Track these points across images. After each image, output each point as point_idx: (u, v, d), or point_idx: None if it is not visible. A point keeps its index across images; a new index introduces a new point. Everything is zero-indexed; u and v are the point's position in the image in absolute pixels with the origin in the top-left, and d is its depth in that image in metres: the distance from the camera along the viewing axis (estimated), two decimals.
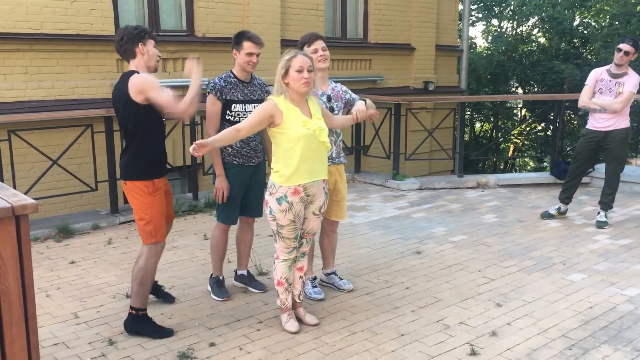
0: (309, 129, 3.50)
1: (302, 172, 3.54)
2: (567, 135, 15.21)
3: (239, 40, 4.06)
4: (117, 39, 3.57)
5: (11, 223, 2.17)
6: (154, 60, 3.60)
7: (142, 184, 3.55)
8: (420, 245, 5.47)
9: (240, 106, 4.08)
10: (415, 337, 3.72)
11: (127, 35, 3.52)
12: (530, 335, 3.75)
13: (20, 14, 6.47)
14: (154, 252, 3.67)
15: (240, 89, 4.09)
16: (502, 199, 7.27)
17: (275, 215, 3.60)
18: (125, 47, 3.54)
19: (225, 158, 4.11)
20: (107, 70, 7.20)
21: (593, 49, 17.20)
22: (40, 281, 4.52)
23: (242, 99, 4.09)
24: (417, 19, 10.86)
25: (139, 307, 3.66)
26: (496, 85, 18.00)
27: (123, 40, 3.53)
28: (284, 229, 3.62)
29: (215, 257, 4.31)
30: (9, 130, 5.75)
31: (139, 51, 3.53)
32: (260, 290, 4.38)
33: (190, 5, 7.97)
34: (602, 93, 5.96)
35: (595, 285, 4.56)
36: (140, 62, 3.56)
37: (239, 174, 4.14)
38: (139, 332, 3.65)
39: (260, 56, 4.10)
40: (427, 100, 10.53)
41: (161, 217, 3.63)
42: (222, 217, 4.23)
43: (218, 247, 4.29)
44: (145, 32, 3.57)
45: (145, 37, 3.54)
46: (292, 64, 3.48)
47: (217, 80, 4.07)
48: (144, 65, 3.57)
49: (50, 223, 5.78)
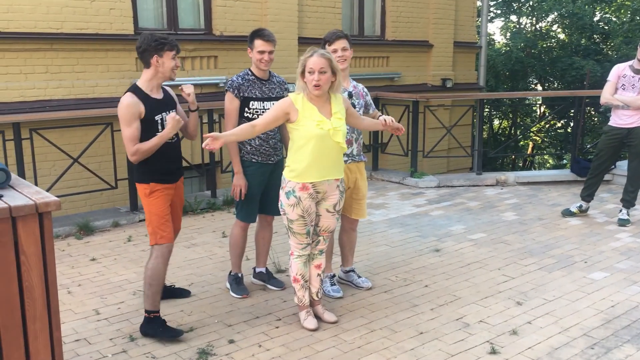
0: (322, 129, 3.49)
1: (312, 171, 3.55)
2: (588, 132, 15.02)
3: (252, 38, 4.07)
4: (137, 45, 3.59)
5: (35, 220, 2.20)
6: (169, 72, 3.59)
7: (141, 187, 3.64)
8: (438, 243, 5.44)
9: (259, 103, 4.07)
10: (435, 335, 3.70)
11: (144, 44, 3.52)
12: (552, 334, 3.71)
13: (41, 13, 6.55)
14: (159, 252, 3.63)
15: (258, 87, 4.09)
16: (522, 197, 7.20)
17: (284, 210, 3.64)
18: (142, 56, 3.56)
19: (244, 156, 4.11)
20: (127, 69, 7.26)
21: (614, 45, 16.97)
22: (62, 278, 4.57)
23: (260, 96, 4.08)
24: (434, 16, 10.79)
25: (150, 310, 3.66)
26: (515, 82, 17.83)
27: (140, 49, 3.55)
28: (294, 224, 3.63)
29: (234, 255, 4.32)
30: (30, 129, 5.82)
31: (153, 63, 3.53)
32: (278, 287, 4.39)
33: (208, 4, 8.00)
34: (624, 89, 5.88)
35: (617, 284, 4.50)
36: (151, 73, 3.57)
37: (258, 171, 4.13)
38: (150, 334, 3.64)
39: (274, 54, 4.09)
40: (445, 98, 10.46)
41: (159, 219, 3.60)
42: (241, 214, 4.23)
43: (237, 245, 4.30)
44: (164, 44, 3.52)
45: (163, 49, 3.51)
46: (307, 65, 3.49)
47: (235, 78, 4.08)
48: (157, 75, 3.57)
49: (71, 220, 5.85)
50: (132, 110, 3.48)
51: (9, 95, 6.44)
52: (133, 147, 3.49)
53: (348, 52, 4.08)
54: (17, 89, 6.49)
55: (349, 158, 4.10)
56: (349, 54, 4.08)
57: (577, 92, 9.31)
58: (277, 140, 4.20)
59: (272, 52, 4.05)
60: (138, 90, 3.55)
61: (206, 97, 7.76)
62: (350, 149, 4.09)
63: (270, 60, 4.07)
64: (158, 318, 3.68)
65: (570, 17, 17.05)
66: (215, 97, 7.71)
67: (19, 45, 6.47)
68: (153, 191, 3.61)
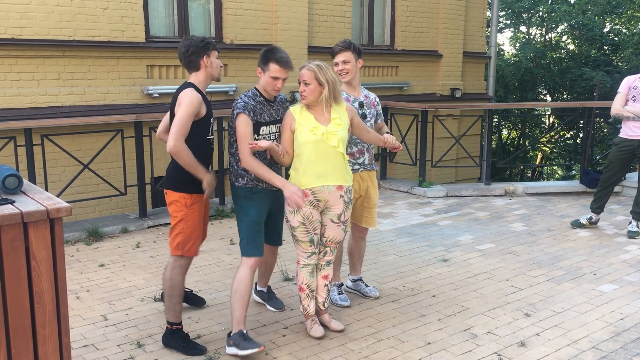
0: (316, 134, 3.54)
1: (310, 176, 3.58)
2: (597, 143, 14.95)
3: (266, 59, 3.54)
4: (182, 50, 3.52)
5: (46, 226, 2.22)
6: (217, 72, 3.60)
7: (180, 196, 3.52)
8: (446, 253, 5.43)
9: (267, 128, 3.63)
10: (442, 345, 3.68)
11: (192, 47, 3.48)
12: (560, 346, 3.69)
13: (53, 21, 6.62)
14: (180, 263, 3.58)
15: (267, 109, 3.62)
16: (530, 208, 7.17)
17: (287, 217, 3.68)
18: (190, 59, 3.51)
19: (248, 183, 3.62)
20: (138, 77, 7.32)
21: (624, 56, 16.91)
22: (71, 283, 4.59)
23: (269, 120, 3.63)
24: (444, 26, 10.82)
25: (172, 322, 3.60)
26: (524, 93, 17.80)
27: (189, 52, 3.49)
28: (296, 231, 3.65)
29: (241, 306, 3.55)
30: (42, 134, 5.87)
31: (203, 64, 3.51)
32: (277, 309, 4.16)
33: (219, 13, 8.06)
34: (635, 101, 5.86)
35: (626, 297, 4.46)
36: (203, 75, 3.54)
37: (266, 199, 3.69)
38: (172, 346, 3.59)
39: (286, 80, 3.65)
40: (454, 107, 10.47)
41: (193, 231, 3.55)
42: (248, 248, 3.60)
43: (247, 292, 3.56)
44: (210, 44, 3.54)
45: (210, 48, 3.53)
46: (299, 76, 3.60)
47: (247, 100, 3.55)
48: (207, 76, 3.56)
49: (81, 226, 5.88)
50: (199, 104, 3.44)
51: (21, 101, 6.51)
52: (182, 142, 3.37)
53: (349, 64, 3.97)
54: (29, 95, 6.55)
55: (361, 167, 4.11)
56: (350, 67, 3.97)
57: (586, 103, 9.29)
58: (279, 166, 3.80)
59: (285, 79, 3.58)
60: (198, 89, 3.50)
61: (215, 105, 7.78)
62: (362, 158, 4.10)
63: (281, 88, 3.63)
64: (180, 331, 3.61)
65: (580, 28, 17.03)
66: (225, 105, 7.75)
67: (32, 52, 6.54)
68: (194, 202, 3.54)
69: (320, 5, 9.02)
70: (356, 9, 9.91)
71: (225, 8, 8.02)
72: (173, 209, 3.55)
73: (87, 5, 6.83)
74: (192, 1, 7.97)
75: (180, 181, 3.53)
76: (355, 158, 4.06)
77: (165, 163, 7.00)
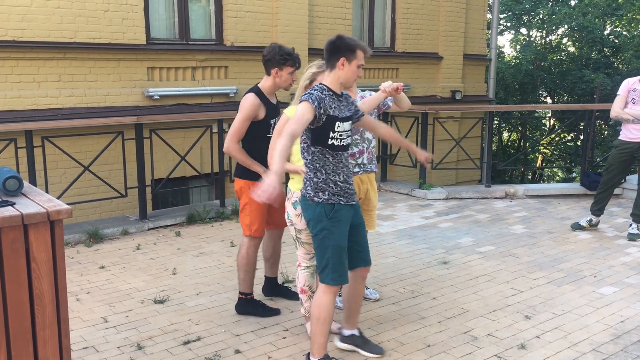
0: None
1: None
2: (598, 145, 14.96)
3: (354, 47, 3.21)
4: (263, 53, 3.91)
5: (46, 228, 2.22)
6: (285, 84, 3.93)
7: (244, 182, 3.95)
8: (447, 256, 5.43)
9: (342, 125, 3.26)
10: (442, 348, 3.68)
11: (269, 54, 3.87)
12: (560, 348, 3.68)
13: (54, 23, 6.63)
14: (252, 242, 4.02)
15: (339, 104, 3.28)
16: (531, 210, 7.17)
17: (292, 220, 3.64)
18: (265, 63, 3.91)
19: (330, 199, 3.23)
20: (138, 79, 7.33)
21: (624, 58, 16.93)
22: (71, 285, 4.59)
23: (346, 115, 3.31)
24: (444, 28, 10.83)
25: (246, 292, 4.08)
26: (524, 95, 17.81)
27: (266, 58, 3.89)
28: (302, 234, 3.64)
29: (323, 333, 3.30)
30: (42, 136, 5.88)
31: (272, 73, 3.89)
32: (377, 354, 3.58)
33: (219, 15, 8.07)
34: (634, 103, 5.86)
35: (626, 299, 4.46)
36: (271, 82, 3.92)
37: (347, 215, 3.30)
38: (250, 312, 4.06)
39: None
40: (454, 110, 10.47)
41: (258, 214, 3.94)
42: (334, 276, 3.22)
43: (329, 320, 3.31)
44: (287, 60, 3.86)
45: (285, 64, 3.85)
46: (319, 79, 3.54)
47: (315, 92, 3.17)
48: (274, 84, 3.92)
49: (81, 228, 5.89)
50: (254, 109, 3.86)
51: (22, 103, 6.52)
52: (234, 143, 3.88)
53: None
54: (30, 97, 6.56)
55: (360, 169, 4.07)
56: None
57: (587, 105, 9.30)
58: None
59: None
60: (260, 93, 3.91)
61: (216, 107, 7.82)
62: (361, 157, 4.04)
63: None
64: (254, 299, 4.11)
65: (580, 30, 17.04)
66: (225, 107, 7.77)
67: (33, 54, 6.55)
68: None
69: (321, 7, 9.03)
70: (357, 11, 9.92)
71: (226, 10, 8.03)
72: (239, 194, 4.02)
73: (87, 8, 6.84)
74: (192, 3, 7.99)
75: (244, 169, 3.96)
76: (355, 159, 4.04)
77: (166, 165, 7.06)
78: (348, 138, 3.28)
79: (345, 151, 3.30)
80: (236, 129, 3.87)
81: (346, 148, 3.29)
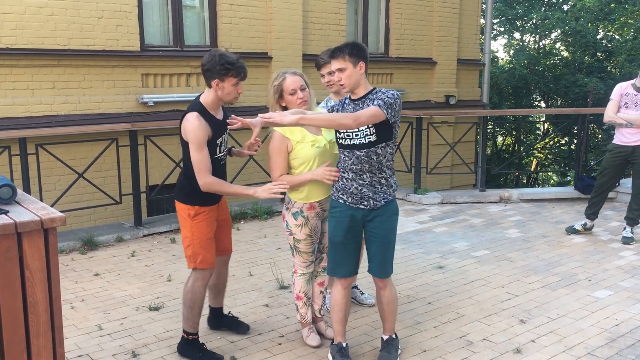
0: (319, 147, 3.50)
1: (319, 189, 3.56)
2: (591, 149, 15.03)
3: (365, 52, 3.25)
4: (202, 62, 3.37)
5: (40, 236, 2.21)
6: (229, 98, 3.41)
7: (184, 207, 3.46)
8: (442, 260, 5.44)
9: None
10: (438, 353, 3.68)
11: (209, 64, 3.32)
12: (555, 352, 3.69)
13: (48, 30, 6.62)
14: (199, 276, 3.51)
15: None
16: (525, 214, 7.19)
17: (291, 230, 3.62)
18: (204, 74, 3.38)
19: (332, 194, 3.45)
20: (132, 85, 7.32)
21: (617, 63, 17.03)
22: (65, 293, 4.57)
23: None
24: (438, 33, 10.87)
25: (189, 332, 3.59)
26: (518, 99, 17.89)
27: (204, 68, 3.36)
28: (301, 244, 3.63)
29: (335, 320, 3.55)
30: (36, 144, 5.86)
31: (214, 84, 3.35)
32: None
33: (213, 21, 8.08)
34: (627, 107, 5.89)
35: (621, 302, 4.48)
36: (214, 95, 3.40)
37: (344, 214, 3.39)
38: (188, 356, 3.58)
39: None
40: (448, 114, 10.48)
41: (200, 243, 3.45)
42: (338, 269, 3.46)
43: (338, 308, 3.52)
44: (229, 70, 3.31)
45: (227, 74, 3.32)
46: (284, 88, 3.47)
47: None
48: (217, 98, 3.40)
49: (75, 235, 5.87)
50: (204, 133, 3.31)
51: (16, 111, 6.50)
52: (209, 178, 3.31)
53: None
54: (23, 104, 6.55)
55: None
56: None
57: (580, 109, 9.34)
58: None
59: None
60: (204, 111, 3.38)
61: None
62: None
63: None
64: (197, 341, 3.61)
65: (573, 34, 17.14)
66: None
67: (27, 61, 6.53)
68: (198, 214, 3.44)
69: (315, 13, 9.05)
70: (351, 17, 9.95)
71: (220, 17, 8.04)
72: (180, 220, 3.54)
73: (81, 15, 6.83)
74: (187, 10, 7.99)
75: (184, 193, 3.48)
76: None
77: (160, 171, 7.04)
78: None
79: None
80: (199, 162, 3.30)
81: None
